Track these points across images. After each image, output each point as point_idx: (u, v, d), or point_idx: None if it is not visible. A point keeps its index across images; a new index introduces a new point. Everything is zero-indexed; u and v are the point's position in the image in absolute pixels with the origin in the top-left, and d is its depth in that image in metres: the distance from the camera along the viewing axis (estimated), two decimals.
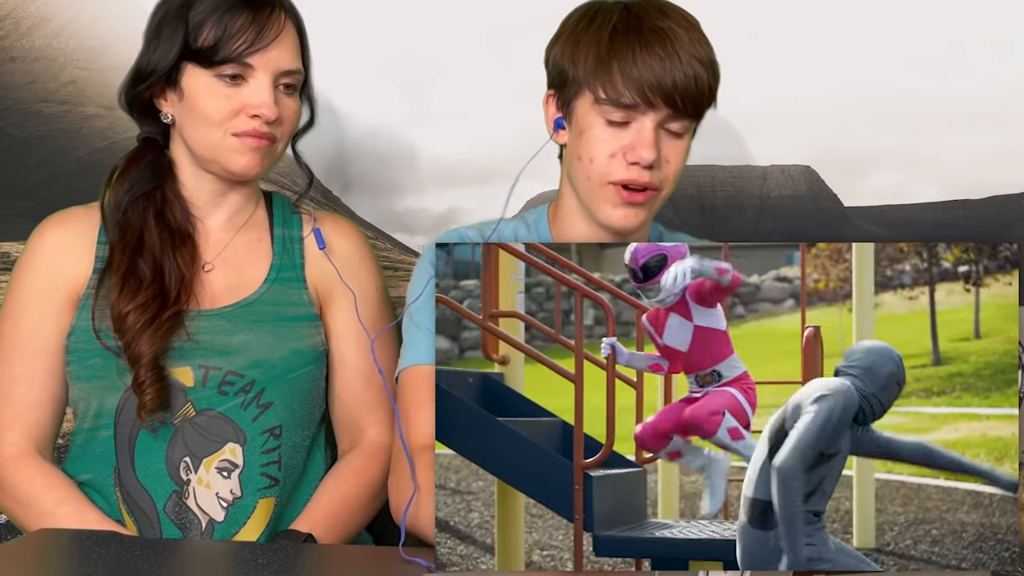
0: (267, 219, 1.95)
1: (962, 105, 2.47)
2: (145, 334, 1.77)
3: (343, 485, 1.88)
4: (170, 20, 1.81)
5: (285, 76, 1.83)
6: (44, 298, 1.85)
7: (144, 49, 1.84)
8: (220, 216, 1.92)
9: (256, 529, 1.81)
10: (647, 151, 1.67)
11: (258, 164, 1.83)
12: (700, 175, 2.55)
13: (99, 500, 1.84)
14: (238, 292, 1.88)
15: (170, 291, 1.82)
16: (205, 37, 1.79)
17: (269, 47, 1.81)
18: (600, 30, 1.69)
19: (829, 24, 2.44)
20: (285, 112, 1.84)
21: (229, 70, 1.79)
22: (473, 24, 2.45)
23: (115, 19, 2.57)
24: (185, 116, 1.83)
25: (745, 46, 2.39)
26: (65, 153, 2.59)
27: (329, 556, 1.63)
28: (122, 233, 1.85)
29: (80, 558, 1.55)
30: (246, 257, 1.91)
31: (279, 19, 1.82)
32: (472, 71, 2.46)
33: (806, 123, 2.46)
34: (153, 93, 1.85)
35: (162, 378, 1.78)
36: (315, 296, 1.92)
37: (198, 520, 1.80)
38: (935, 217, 2.55)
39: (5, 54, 2.56)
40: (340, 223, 2.01)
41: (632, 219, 1.73)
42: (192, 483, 1.80)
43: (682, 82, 1.66)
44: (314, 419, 1.91)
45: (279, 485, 1.84)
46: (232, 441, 1.82)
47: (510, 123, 1.91)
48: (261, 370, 1.83)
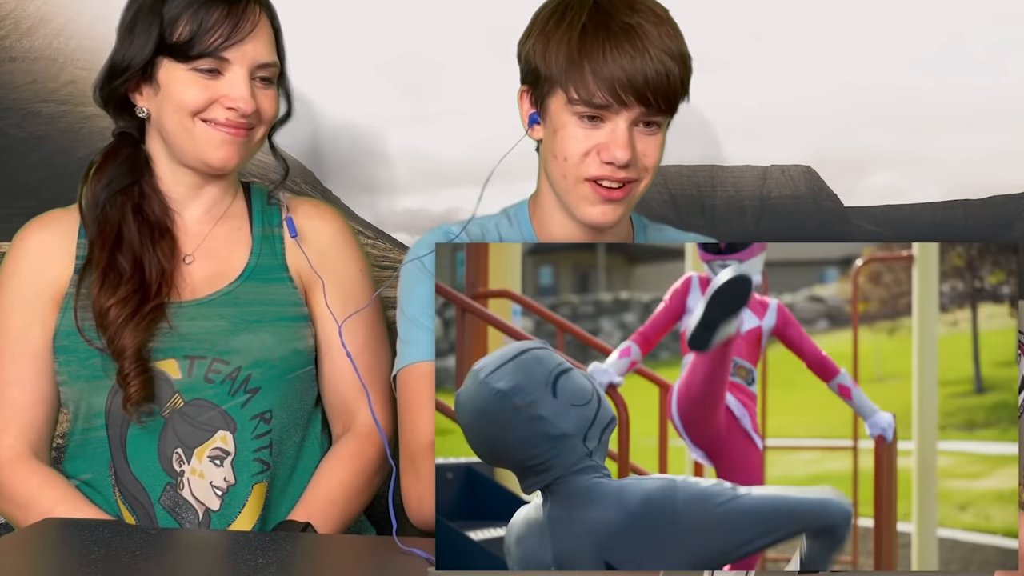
0: (246, 209, 1.97)
1: (962, 105, 2.48)
2: (128, 327, 1.79)
3: (339, 470, 1.89)
4: (144, 14, 1.82)
5: (261, 69, 1.86)
6: (30, 301, 1.87)
7: (118, 44, 1.85)
8: (198, 208, 1.94)
9: (252, 515, 1.83)
10: (621, 151, 1.69)
11: (235, 156, 1.85)
12: (700, 175, 2.55)
13: (97, 498, 1.85)
14: (219, 281, 1.89)
15: (151, 284, 1.84)
16: (180, 32, 1.81)
17: (245, 41, 1.82)
18: (570, 28, 1.70)
19: (829, 26, 2.45)
20: (262, 103, 1.86)
21: (205, 64, 1.81)
22: (473, 24, 2.45)
23: (115, 19, 2.57)
24: (161, 109, 1.85)
25: (746, 47, 2.39)
26: (65, 153, 2.60)
27: (328, 546, 1.63)
28: (101, 228, 1.87)
29: (82, 548, 1.56)
30: (225, 247, 1.92)
31: (254, 13, 1.84)
32: (472, 71, 2.47)
33: (806, 123, 2.47)
34: (128, 88, 1.87)
35: (146, 370, 1.80)
36: (299, 282, 1.94)
37: (194, 510, 1.81)
38: (935, 217, 2.55)
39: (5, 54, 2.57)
40: (317, 207, 2.03)
41: (610, 215, 1.74)
42: (186, 474, 1.82)
43: (654, 79, 1.67)
44: (306, 402, 1.93)
45: (270, 469, 1.86)
46: (222, 429, 1.83)
47: (510, 123, 1.91)
48: (245, 356, 1.84)
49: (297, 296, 1.90)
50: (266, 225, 1.94)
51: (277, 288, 1.89)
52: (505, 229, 1.84)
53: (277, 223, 1.95)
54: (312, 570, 1.39)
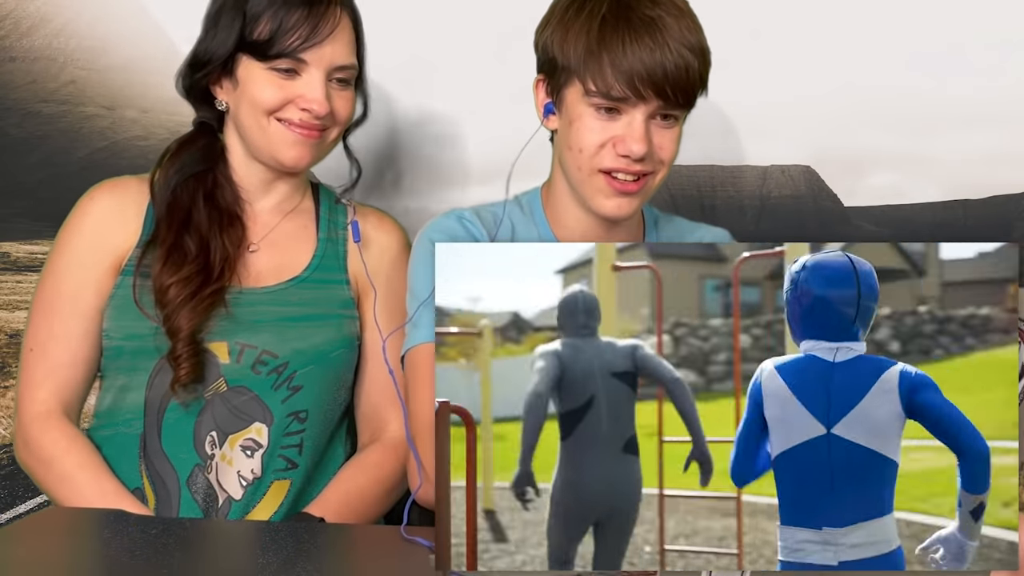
0: (314, 208, 1.98)
1: (962, 105, 2.47)
2: (185, 308, 1.80)
3: (360, 476, 1.90)
4: (228, 9, 1.83)
5: (338, 71, 1.86)
6: (87, 263, 1.88)
7: (202, 36, 1.87)
8: (268, 202, 1.95)
9: (268, 510, 1.83)
10: (637, 144, 1.67)
11: (307, 156, 1.86)
12: (700, 175, 2.55)
13: (122, 465, 1.85)
14: (282, 273, 1.91)
15: (214, 268, 1.85)
16: (261, 30, 1.81)
17: (323, 43, 1.83)
18: (590, 19, 1.68)
19: (829, 24, 2.44)
20: (337, 105, 1.86)
21: (283, 64, 1.82)
22: (473, 24, 2.45)
23: (115, 19, 2.57)
24: (238, 104, 1.86)
25: (746, 46, 2.39)
26: (65, 153, 2.59)
27: (333, 534, 1.64)
28: (170, 209, 1.87)
29: (87, 538, 1.56)
30: (292, 241, 1.94)
31: (334, 14, 1.84)
32: (472, 71, 2.47)
33: (806, 123, 2.46)
34: (209, 80, 1.87)
35: (198, 353, 1.80)
36: (355, 286, 1.95)
37: (216, 496, 1.81)
38: (935, 217, 2.55)
39: (5, 54, 2.56)
40: (383, 219, 2.04)
41: (625, 208, 1.73)
42: (216, 458, 1.82)
43: (673, 73, 1.66)
44: (339, 408, 1.93)
45: (296, 469, 1.86)
46: (259, 421, 1.84)
47: (510, 123, 1.91)
48: (295, 352, 1.85)
49: (352, 302, 1.91)
50: (331, 227, 1.95)
51: (334, 290, 1.90)
52: (517, 217, 1.83)
53: (342, 226, 1.96)
54: (318, 557, 1.40)
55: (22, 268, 2.56)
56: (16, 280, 2.58)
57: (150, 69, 2.45)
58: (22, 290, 2.58)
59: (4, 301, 2.59)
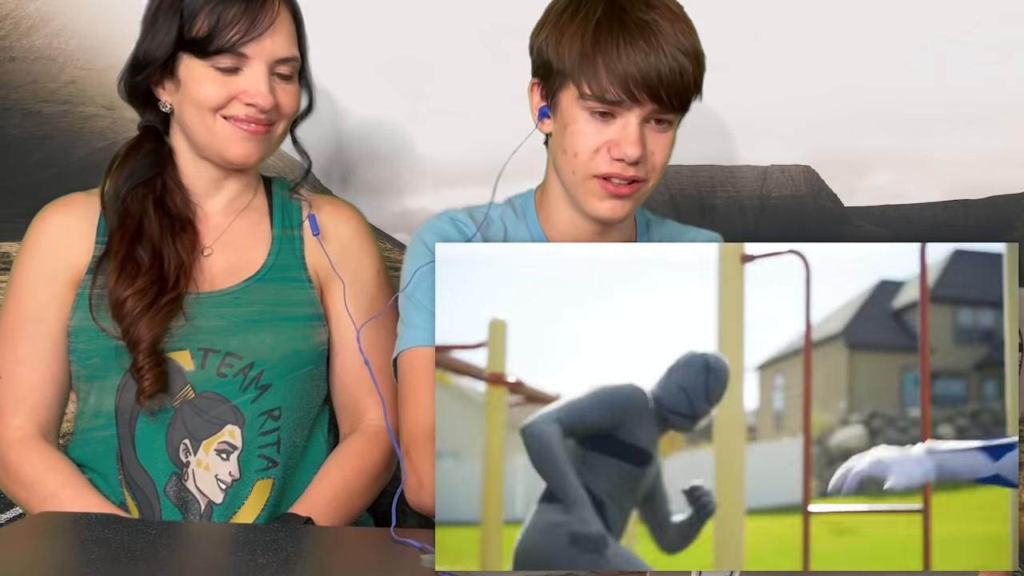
0: (267, 204, 1.96)
1: (962, 105, 2.47)
2: (144, 319, 1.78)
3: (344, 468, 1.89)
4: (165, 9, 1.82)
5: (281, 64, 1.84)
6: (46, 281, 1.87)
7: (140, 38, 1.85)
8: (219, 202, 1.93)
9: (253, 511, 1.82)
10: (632, 148, 1.67)
11: (255, 152, 1.84)
12: (700, 175, 2.55)
13: (102, 483, 1.85)
14: (238, 274, 1.89)
15: (169, 276, 1.83)
16: (199, 27, 1.79)
17: (263, 36, 1.81)
18: (585, 22, 1.68)
19: (829, 26, 2.44)
20: (282, 98, 1.84)
21: (224, 61, 1.80)
22: (472, 24, 2.45)
23: (115, 19, 2.57)
24: (182, 104, 1.84)
25: (746, 47, 2.39)
26: (65, 153, 2.59)
27: (324, 537, 1.63)
28: (121, 220, 1.86)
29: (79, 541, 1.55)
30: (245, 240, 1.91)
31: (272, 7, 1.82)
32: (471, 71, 2.46)
33: (806, 123, 2.46)
34: (151, 82, 1.86)
35: (160, 363, 1.79)
36: (316, 280, 1.93)
37: (197, 502, 1.81)
38: (935, 217, 2.55)
39: (5, 54, 2.56)
40: (338, 207, 2.01)
41: (619, 211, 1.73)
42: (192, 465, 1.82)
43: (667, 76, 1.66)
44: (315, 402, 1.92)
45: (277, 467, 1.85)
46: (231, 423, 1.83)
47: (509, 123, 1.91)
48: (260, 352, 1.83)
49: (313, 295, 1.90)
50: (286, 221, 1.94)
51: (294, 286, 1.89)
52: (510, 219, 1.83)
53: (298, 221, 1.94)
54: (309, 560, 1.40)
55: None
56: None
57: None
58: None
59: (4, 301, 2.59)
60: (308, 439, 1.90)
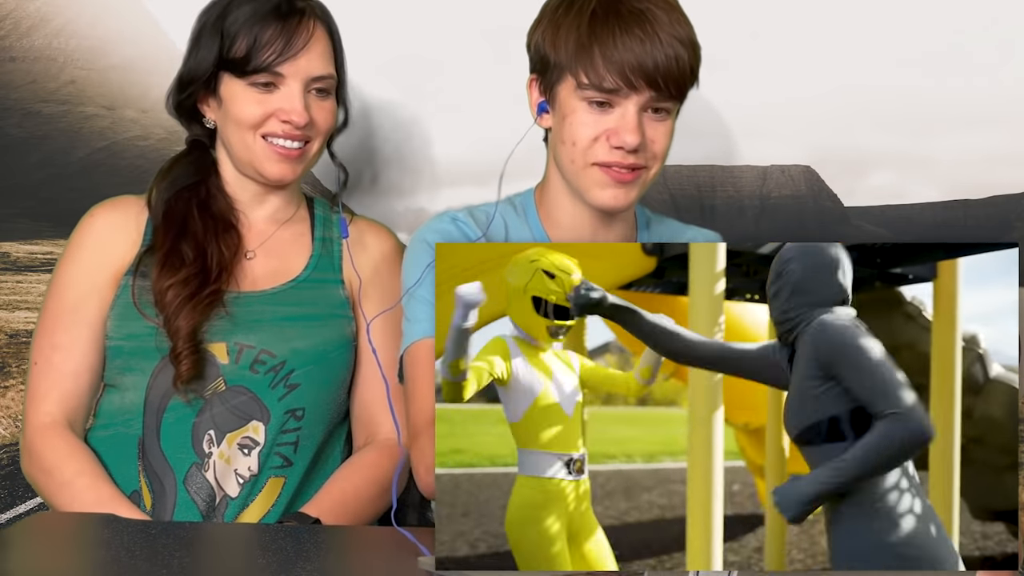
0: (308, 219, 2.02)
1: (962, 105, 2.47)
2: (184, 309, 1.83)
3: (355, 477, 1.92)
4: (208, 30, 1.88)
5: (316, 82, 1.89)
6: (89, 274, 1.92)
7: (186, 57, 1.92)
8: (263, 211, 1.99)
9: (263, 506, 1.84)
10: (631, 135, 1.69)
11: (290, 172, 1.90)
12: (700, 175, 2.55)
13: (120, 466, 1.87)
14: (279, 277, 1.94)
15: (211, 271, 1.88)
16: (238, 48, 1.85)
17: (298, 55, 1.87)
18: (580, 14, 1.70)
19: (829, 24, 2.44)
20: (317, 115, 1.90)
21: (261, 79, 1.85)
22: (472, 24, 2.45)
23: (115, 19, 2.57)
24: (224, 121, 1.89)
25: (746, 46, 2.39)
26: (65, 153, 2.59)
27: (325, 538, 1.64)
28: (166, 219, 1.91)
29: (79, 541, 1.56)
30: (288, 247, 1.97)
31: (308, 27, 1.87)
32: (471, 71, 2.47)
33: (806, 123, 2.47)
34: (196, 99, 1.91)
35: (198, 350, 1.83)
36: (350, 289, 1.98)
37: (213, 494, 1.83)
38: (935, 217, 2.55)
39: (5, 54, 2.57)
40: (376, 225, 2.08)
41: (622, 199, 1.74)
42: (213, 456, 1.85)
43: (664, 64, 1.68)
44: (338, 409, 1.95)
45: (291, 467, 1.88)
46: (256, 419, 1.87)
47: (509, 123, 1.91)
48: (293, 352, 1.87)
49: (347, 303, 1.93)
50: (326, 234, 1.98)
51: (330, 291, 1.92)
52: (511, 217, 1.84)
53: (337, 233, 1.99)
54: (309, 560, 1.40)
55: (22, 268, 2.57)
56: (16, 280, 2.58)
57: (150, 69, 2.45)
58: (22, 290, 2.58)
59: (4, 301, 2.59)
60: (324, 447, 1.93)
